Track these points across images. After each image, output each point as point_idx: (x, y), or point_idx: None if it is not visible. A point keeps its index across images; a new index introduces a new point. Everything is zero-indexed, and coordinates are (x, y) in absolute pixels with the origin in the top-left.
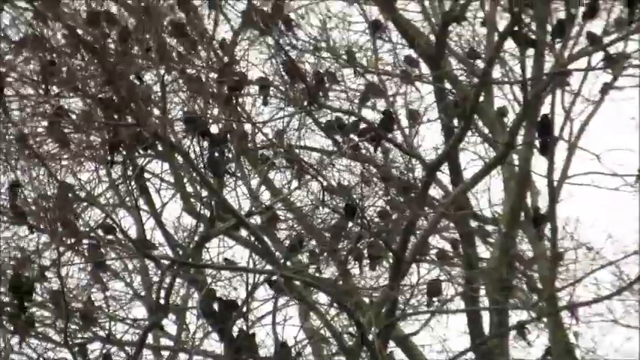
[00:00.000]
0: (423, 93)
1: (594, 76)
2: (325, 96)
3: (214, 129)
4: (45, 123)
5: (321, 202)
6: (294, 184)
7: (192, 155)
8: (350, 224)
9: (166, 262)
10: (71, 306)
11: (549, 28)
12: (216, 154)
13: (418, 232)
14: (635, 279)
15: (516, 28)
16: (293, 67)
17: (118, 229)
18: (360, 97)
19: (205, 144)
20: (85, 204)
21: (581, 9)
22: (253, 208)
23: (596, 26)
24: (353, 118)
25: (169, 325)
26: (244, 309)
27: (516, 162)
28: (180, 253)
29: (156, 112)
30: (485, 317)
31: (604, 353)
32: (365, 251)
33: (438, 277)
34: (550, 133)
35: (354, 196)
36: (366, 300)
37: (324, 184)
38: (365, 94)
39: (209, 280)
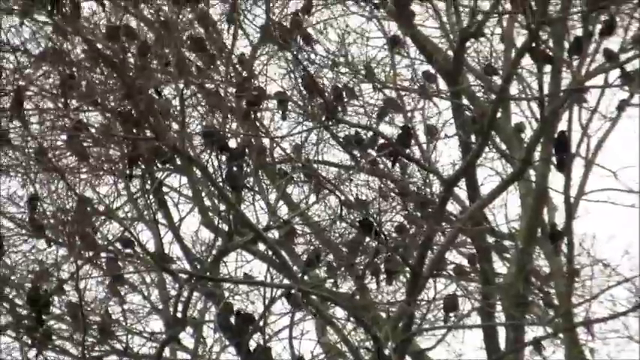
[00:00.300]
0: (440, 108)
1: (611, 93)
2: (343, 111)
3: (233, 143)
4: (64, 136)
5: (338, 216)
6: (312, 198)
7: (211, 169)
8: (367, 239)
9: (184, 276)
10: (89, 319)
11: (566, 44)
12: (235, 169)
13: (435, 247)
14: None
15: (534, 45)
16: (311, 82)
17: (136, 243)
18: (378, 113)
19: (224, 158)
20: (103, 217)
21: (599, 26)
22: (271, 223)
23: (613, 43)
24: (371, 133)
25: (186, 338)
26: (261, 323)
27: (533, 178)
28: (198, 266)
29: (175, 126)
30: (502, 333)
31: None
32: (382, 266)
33: (454, 293)
34: (567, 149)
35: (372, 211)
36: (383, 315)
37: (342, 198)
38: (383, 110)
39: (226, 293)
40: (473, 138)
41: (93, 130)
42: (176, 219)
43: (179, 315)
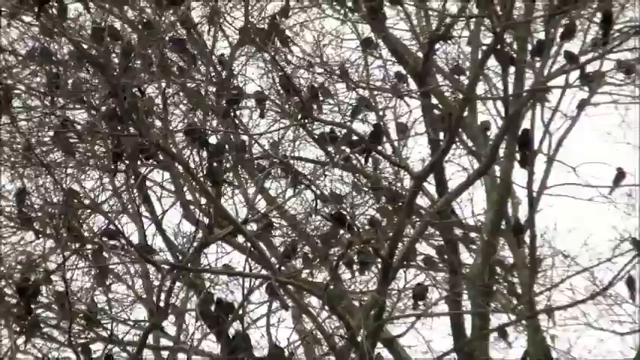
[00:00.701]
0: (410, 107)
1: (571, 93)
2: (319, 109)
3: (213, 140)
4: (51, 133)
5: (314, 210)
6: (289, 193)
7: (192, 165)
8: (341, 231)
9: (166, 267)
10: (75, 308)
11: (530, 47)
12: (215, 164)
13: (405, 239)
14: (608, 284)
15: (499, 47)
16: (288, 82)
17: (120, 235)
18: (352, 111)
19: (204, 154)
20: (89, 211)
21: (560, 30)
22: (250, 216)
23: (573, 46)
24: (345, 131)
25: (169, 326)
26: (240, 311)
27: (498, 174)
28: (180, 258)
29: (157, 123)
30: (468, 320)
31: (578, 355)
32: (355, 257)
33: (423, 282)
34: (530, 146)
35: (346, 205)
36: (356, 303)
37: (317, 193)
38: (356, 108)
39: (207, 283)
40: (441, 135)
41: (79, 127)
42: (159, 212)
43: (162, 304)
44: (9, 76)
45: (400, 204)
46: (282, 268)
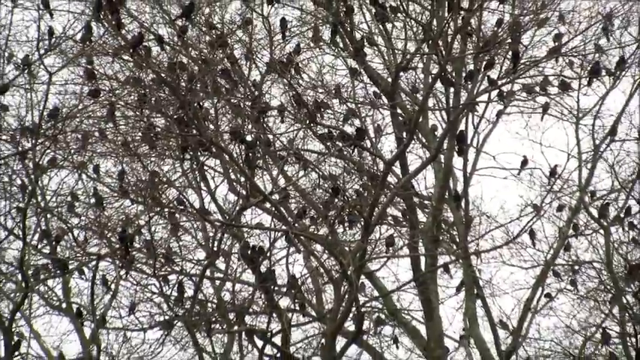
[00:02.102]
0: (383, 115)
1: (492, 106)
2: (321, 117)
3: (249, 138)
4: (140, 134)
5: (317, 185)
6: (301, 173)
7: (235, 155)
8: (336, 200)
9: (218, 224)
10: (158, 251)
11: (463, 74)
12: (250, 154)
13: (380, 205)
14: (517, 235)
15: (443, 74)
16: (299, 98)
17: (187, 202)
18: (343, 118)
19: (243, 147)
20: (166, 186)
21: (484, 62)
22: (274, 189)
23: (493, 73)
24: (338, 132)
25: (220, 264)
26: (268, 254)
27: (443, 160)
28: (227, 217)
29: (211, 127)
30: (422, 260)
31: (497, 282)
32: (346, 217)
33: (392, 234)
34: (464, 142)
35: (339, 182)
36: (347, 249)
37: (320, 174)
38: (346, 116)
39: (246, 235)
40: (404, 134)
41: (159, 130)
42: (212, 187)
43: (215, 249)
44: (113, 95)
45: (376, 181)
46: (296, 224)
